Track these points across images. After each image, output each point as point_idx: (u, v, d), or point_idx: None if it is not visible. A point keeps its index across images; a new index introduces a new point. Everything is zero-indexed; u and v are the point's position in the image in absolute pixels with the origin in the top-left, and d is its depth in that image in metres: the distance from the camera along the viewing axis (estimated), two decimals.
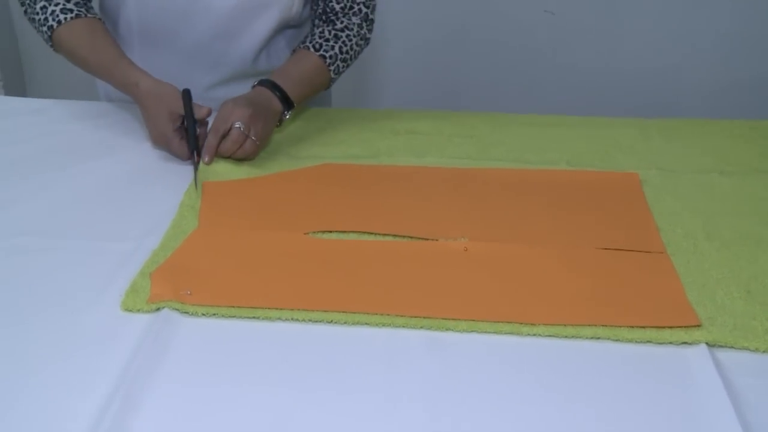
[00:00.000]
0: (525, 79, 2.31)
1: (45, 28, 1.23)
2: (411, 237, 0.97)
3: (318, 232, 0.98)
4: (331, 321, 0.82)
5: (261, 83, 1.21)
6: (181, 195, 1.07)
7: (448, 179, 1.13)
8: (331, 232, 0.98)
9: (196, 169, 1.10)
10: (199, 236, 0.96)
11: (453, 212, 1.04)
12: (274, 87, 1.20)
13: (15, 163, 1.15)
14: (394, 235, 0.98)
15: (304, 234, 0.97)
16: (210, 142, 1.13)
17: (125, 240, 0.96)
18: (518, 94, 2.31)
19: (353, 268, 0.91)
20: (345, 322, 0.82)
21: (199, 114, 1.15)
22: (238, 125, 1.12)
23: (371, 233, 0.98)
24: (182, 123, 1.15)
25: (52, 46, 1.26)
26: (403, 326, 0.82)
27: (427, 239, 0.97)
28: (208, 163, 1.12)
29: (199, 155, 1.12)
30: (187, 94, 1.15)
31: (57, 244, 0.95)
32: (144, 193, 1.08)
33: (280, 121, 1.22)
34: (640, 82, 2.26)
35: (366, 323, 0.82)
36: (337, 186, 1.10)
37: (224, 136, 1.13)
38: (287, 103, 1.21)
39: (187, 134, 1.14)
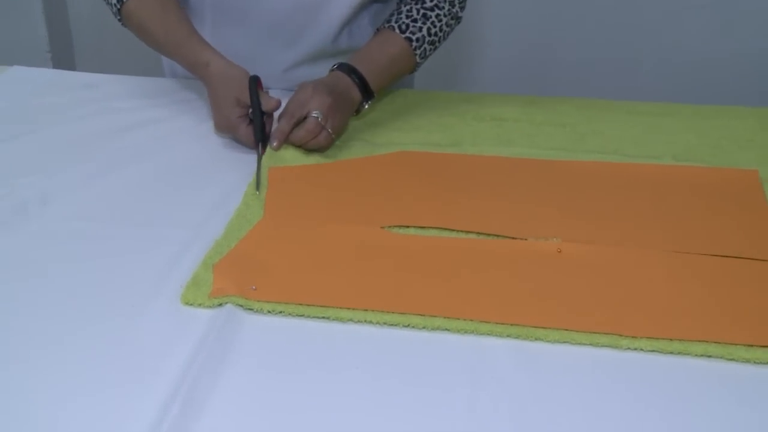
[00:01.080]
0: (626, 61, 2.27)
1: (115, 0, 1.27)
2: (497, 235, 0.98)
3: (394, 226, 0.99)
4: (409, 325, 0.83)
5: (340, 67, 1.21)
6: (244, 179, 1.09)
7: (539, 172, 1.13)
8: (408, 227, 0.99)
9: (259, 166, 1.10)
10: (266, 227, 0.98)
11: (544, 209, 1.03)
12: (353, 73, 1.20)
13: (70, 144, 1.19)
14: (478, 233, 0.98)
15: (380, 228, 0.98)
16: (282, 127, 1.14)
17: (184, 227, 0.99)
18: (618, 77, 2.28)
19: (433, 268, 0.91)
20: (424, 327, 0.83)
21: (267, 106, 1.15)
22: (315, 114, 1.13)
23: (453, 230, 0.99)
24: (249, 111, 1.16)
25: (120, 20, 1.29)
26: (488, 334, 0.82)
27: (515, 238, 0.97)
28: (276, 149, 1.14)
29: (264, 149, 1.13)
30: (254, 82, 1.16)
31: (112, 230, 0.98)
32: (203, 177, 1.11)
33: (357, 111, 1.23)
34: (758, 65, 2.21)
35: (447, 329, 0.82)
36: (416, 176, 1.11)
37: (298, 122, 1.14)
38: (367, 92, 1.21)
39: (253, 123, 1.15)
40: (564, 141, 1.22)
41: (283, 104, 1.17)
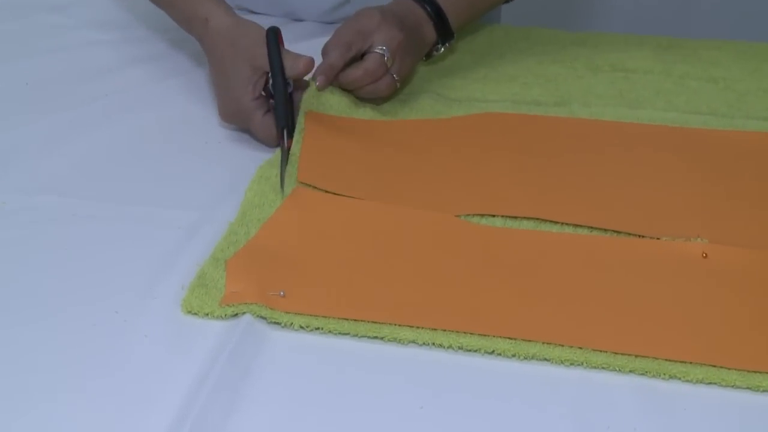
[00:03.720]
0: None
1: None
2: (617, 231, 0.98)
3: (475, 215, 1.00)
4: (493, 351, 0.83)
5: None
6: (267, 147, 1.11)
7: (678, 146, 1.12)
8: (493, 216, 1.00)
9: (284, 159, 1.07)
10: (298, 206, 0.99)
11: (684, 197, 1.03)
12: (427, 3, 1.20)
13: (30, 89, 1.22)
14: (591, 228, 0.98)
15: (455, 216, 0.99)
16: (333, 60, 1.12)
17: (186, 207, 1.00)
18: None
19: (528, 274, 0.92)
20: (514, 355, 0.83)
21: (293, 69, 1.11)
22: (380, 50, 1.13)
23: (556, 222, 0.99)
24: (267, 86, 1.12)
25: None
26: (604, 367, 0.82)
27: (643, 237, 0.97)
28: (321, 89, 1.13)
29: (290, 135, 1.10)
30: (274, 36, 1.12)
31: (88, 209, 1.00)
32: (216, 139, 1.13)
33: (428, 55, 1.24)
34: None
35: (546, 358, 0.83)
36: (505, 147, 1.11)
37: (355, 58, 1.14)
38: (444, 31, 1.21)
39: (273, 102, 1.11)
40: (715, 102, 1.22)
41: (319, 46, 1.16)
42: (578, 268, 0.93)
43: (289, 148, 1.08)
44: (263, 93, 1.12)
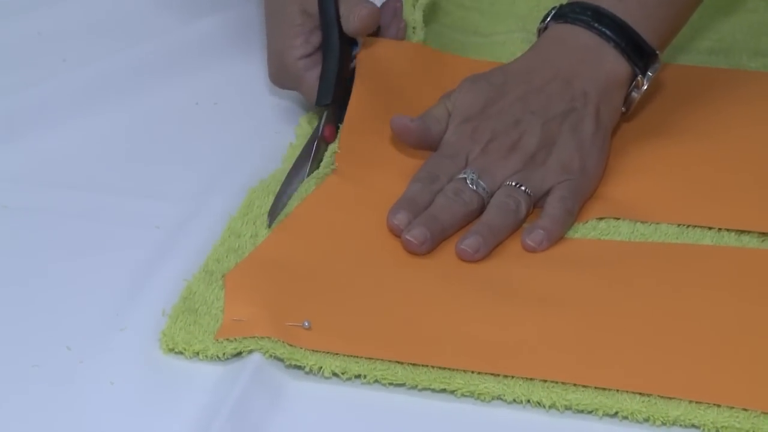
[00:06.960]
0: None
1: None
2: None
3: (591, 219, 1.01)
4: (617, 413, 0.83)
5: (563, 16, 1.10)
6: (287, 127, 1.13)
7: None
8: (618, 219, 1.01)
9: (314, 140, 1.08)
10: (330, 199, 1.00)
11: None
12: (603, 24, 1.08)
13: None
14: (764, 236, 0.99)
15: None
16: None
17: (169, 197, 1.03)
18: None
19: (673, 302, 0.92)
20: (647, 418, 0.82)
21: (351, 21, 1.11)
22: (555, 212, 1.01)
23: (711, 228, 0.99)
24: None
25: None
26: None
27: None
28: None
29: (330, 126, 1.09)
30: None
31: (33, 198, 1.02)
32: (208, 99, 1.16)
33: (628, 104, 1.11)
34: None
35: (694, 425, 0.82)
36: (635, 116, 1.12)
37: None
38: (642, 56, 1.09)
39: (324, 61, 1.12)
40: None
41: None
42: (748, 295, 0.93)
43: (329, 141, 1.07)
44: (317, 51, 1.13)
